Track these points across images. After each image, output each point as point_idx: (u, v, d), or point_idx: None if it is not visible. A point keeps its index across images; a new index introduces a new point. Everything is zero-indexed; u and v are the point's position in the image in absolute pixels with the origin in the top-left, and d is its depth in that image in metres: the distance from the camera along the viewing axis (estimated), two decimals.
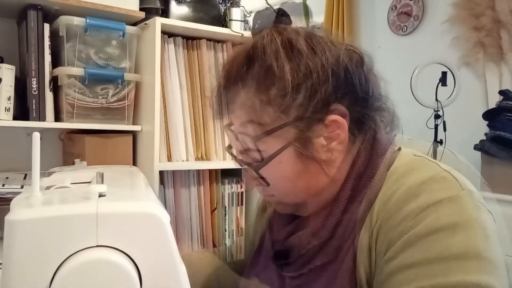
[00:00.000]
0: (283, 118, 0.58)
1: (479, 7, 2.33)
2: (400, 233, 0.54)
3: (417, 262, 0.52)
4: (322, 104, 0.59)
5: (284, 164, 0.61)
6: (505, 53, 2.28)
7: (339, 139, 0.61)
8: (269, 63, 0.58)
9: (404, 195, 0.56)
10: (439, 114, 2.16)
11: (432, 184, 0.55)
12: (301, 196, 0.65)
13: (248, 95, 0.60)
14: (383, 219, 0.56)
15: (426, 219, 0.53)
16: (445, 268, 0.50)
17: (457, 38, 2.45)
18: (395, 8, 2.80)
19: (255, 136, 0.60)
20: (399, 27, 2.78)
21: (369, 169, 0.62)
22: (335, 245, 0.61)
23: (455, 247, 0.51)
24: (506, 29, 2.26)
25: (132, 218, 0.44)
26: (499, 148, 1.89)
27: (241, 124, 0.62)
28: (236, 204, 1.42)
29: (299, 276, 0.65)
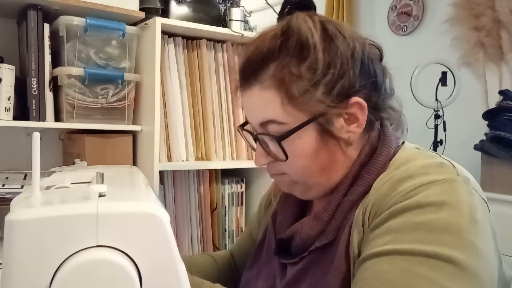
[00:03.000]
0: (312, 92, 0.60)
1: (479, 7, 2.33)
2: (389, 207, 0.56)
3: (396, 228, 0.54)
4: (348, 86, 0.62)
5: (304, 140, 0.62)
6: (505, 53, 2.28)
7: (358, 122, 0.63)
8: (304, 38, 0.61)
9: (400, 176, 0.58)
10: (439, 114, 2.16)
11: (429, 168, 0.58)
12: (314, 176, 0.65)
13: (279, 67, 0.62)
14: (377, 197, 0.59)
15: (416, 195, 0.55)
16: (421, 237, 0.52)
17: (457, 38, 2.45)
18: (395, 8, 2.80)
19: (282, 106, 0.61)
20: (399, 27, 2.78)
21: (374, 158, 0.64)
22: (334, 226, 0.63)
23: (437, 221, 0.53)
24: (506, 29, 2.26)
25: (132, 218, 0.44)
26: (499, 148, 1.89)
27: (267, 93, 0.62)
28: (236, 204, 1.42)
29: (299, 260, 0.67)
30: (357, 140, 0.65)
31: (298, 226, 0.68)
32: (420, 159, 0.61)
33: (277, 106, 0.62)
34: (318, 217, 0.65)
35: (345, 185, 0.64)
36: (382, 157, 0.64)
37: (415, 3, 2.69)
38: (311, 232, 0.65)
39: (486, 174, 1.95)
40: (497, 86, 2.30)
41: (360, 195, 0.62)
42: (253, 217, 0.91)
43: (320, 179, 0.65)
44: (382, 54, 0.69)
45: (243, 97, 0.67)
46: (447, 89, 2.21)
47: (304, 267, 0.66)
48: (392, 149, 0.65)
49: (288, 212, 0.74)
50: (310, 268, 0.65)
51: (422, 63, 2.19)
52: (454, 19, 2.46)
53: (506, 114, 1.91)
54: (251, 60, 0.64)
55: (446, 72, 2.21)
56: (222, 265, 0.91)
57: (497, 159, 1.90)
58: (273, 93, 0.62)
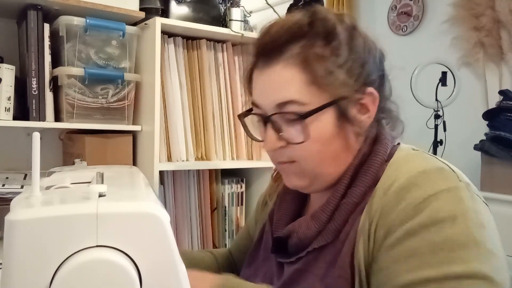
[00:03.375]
0: (336, 74, 0.61)
1: (479, 7, 2.33)
2: (401, 221, 0.56)
3: (420, 251, 0.54)
4: (366, 75, 0.63)
5: (323, 122, 0.62)
6: (505, 53, 2.28)
7: (369, 113, 0.64)
8: (331, 23, 0.62)
9: (405, 183, 0.58)
10: (439, 114, 2.17)
11: (431, 174, 0.58)
12: (325, 164, 0.64)
13: (305, 46, 0.62)
14: (383, 206, 0.58)
15: (426, 209, 0.55)
16: (446, 257, 0.53)
17: (457, 38, 2.45)
18: (395, 8, 2.81)
19: (306, 86, 0.61)
20: (399, 27, 2.78)
21: (371, 157, 0.64)
22: (333, 228, 0.63)
23: (456, 237, 0.53)
24: (506, 29, 2.26)
25: (132, 218, 0.44)
26: (499, 148, 1.89)
27: (291, 72, 0.62)
28: (236, 204, 1.42)
29: (296, 260, 0.67)
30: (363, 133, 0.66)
31: (295, 225, 0.68)
32: (418, 161, 0.61)
33: (300, 86, 0.61)
34: (316, 217, 0.65)
35: (343, 186, 0.64)
36: (379, 157, 0.64)
37: (415, 3, 2.69)
38: (309, 232, 0.65)
39: (486, 174, 1.95)
40: (497, 86, 2.30)
41: (360, 196, 0.62)
42: (251, 216, 0.91)
43: (329, 168, 0.65)
44: (385, 56, 0.71)
45: (260, 76, 0.65)
46: (447, 89, 2.21)
47: (302, 267, 0.66)
48: (388, 149, 0.66)
49: (285, 211, 0.74)
50: (307, 269, 0.65)
51: (422, 63, 2.19)
52: (454, 19, 2.46)
53: (506, 114, 1.91)
54: (275, 38, 0.63)
55: (446, 72, 2.22)
56: (222, 261, 0.91)
57: (497, 159, 1.90)
58: (298, 71, 0.61)
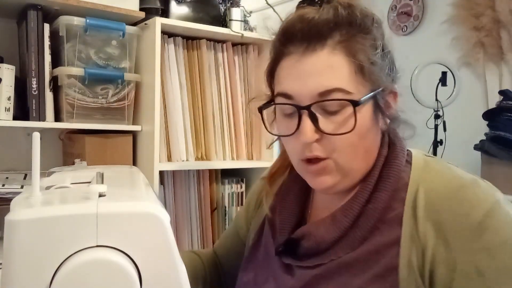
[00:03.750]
0: (377, 64, 0.60)
1: (479, 7, 2.33)
2: (464, 242, 0.55)
3: (498, 273, 0.53)
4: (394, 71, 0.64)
5: (363, 114, 0.59)
6: (505, 53, 2.28)
7: (390, 109, 0.64)
8: (371, 16, 0.62)
9: (448, 196, 0.57)
10: (439, 114, 2.16)
11: (473, 188, 0.57)
12: (358, 159, 0.61)
13: (348, 35, 0.59)
14: (434, 223, 0.57)
15: (488, 228, 0.54)
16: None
17: (457, 38, 2.45)
18: (395, 8, 2.80)
19: (352, 74, 0.58)
20: (399, 27, 2.77)
21: (391, 160, 0.63)
22: (360, 235, 0.60)
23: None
24: (506, 29, 2.26)
25: (132, 218, 0.44)
26: (499, 148, 1.89)
27: (337, 59, 0.59)
28: (236, 204, 1.43)
29: (315, 266, 0.63)
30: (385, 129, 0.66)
31: (311, 228, 0.64)
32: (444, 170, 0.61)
33: (346, 74, 0.58)
34: (337, 221, 0.62)
35: (368, 188, 0.61)
36: (399, 160, 0.63)
37: (415, 3, 2.69)
38: (327, 236, 0.62)
39: (486, 174, 1.95)
40: (497, 86, 2.30)
41: (385, 201, 0.60)
42: (240, 216, 0.87)
43: (361, 163, 0.62)
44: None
45: (297, 64, 0.60)
46: (447, 89, 2.21)
47: (324, 274, 0.62)
48: (405, 150, 0.65)
49: (289, 213, 0.71)
50: (331, 277, 0.61)
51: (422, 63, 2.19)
52: (454, 19, 2.46)
53: (506, 114, 1.91)
54: (317, 24, 0.59)
55: (446, 72, 2.21)
56: (208, 263, 0.89)
57: (497, 159, 1.90)
58: (344, 59, 0.58)
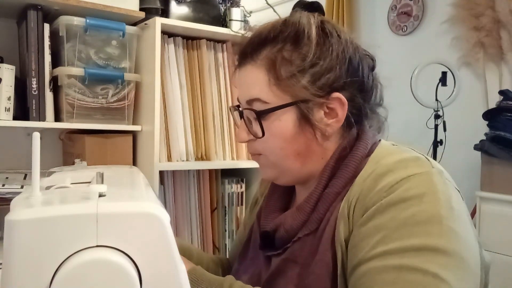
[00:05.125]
0: (298, 77, 0.66)
1: (479, 7, 2.33)
2: (374, 202, 0.59)
3: (383, 226, 0.57)
4: (332, 80, 0.66)
5: (283, 121, 0.67)
6: (505, 53, 2.28)
7: (337, 117, 0.67)
8: (301, 29, 0.67)
9: (382, 170, 0.62)
10: (439, 114, 2.17)
11: (407, 162, 0.62)
12: (289, 159, 0.69)
13: (273, 50, 0.67)
14: (361, 190, 0.62)
15: (397, 189, 0.58)
16: (408, 232, 0.56)
17: (457, 38, 2.45)
18: (395, 8, 2.81)
19: (268, 86, 0.66)
20: (399, 27, 2.78)
21: (351, 153, 0.68)
22: (316, 217, 0.66)
23: (420, 214, 0.56)
24: (506, 29, 2.26)
25: (132, 218, 0.44)
26: (499, 148, 1.89)
27: (257, 72, 0.68)
28: (236, 204, 1.43)
29: (283, 251, 0.69)
30: (335, 135, 0.70)
31: (281, 218, 0.71)
32: (397, 153, 0.65)
33: (264, 85, 0.67)
34: (301, 208, 0.68)
35: (324, 178, 0.68)
36: (359, 152, 0.68)
37: (415, 3, 2.69)
38: (294, 223, 0.68)
39: (486, 174, 1.96)
40: (497, 86, 2.30)
41: (341, 187, 0.66)
42: (248, 215, 0.93)
43: (294, 164, 0.69)
44: (375, 64, 0.73)
45: (238, 75, 0.72)
46: (447, 89, 2.21)
47: (288, 257, 0.68)
48: (368, 145, 0.69)
49: (272, 208, 0.77)
50: (293, 258, 0.67)
51: (422, 63, 2.19)
52: (454, 19, 2.46)
53: (506, 114, 1.92)
54: (251, 41, 0.70)
55: (446, 72, 2.22)
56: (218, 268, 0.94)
57: (497, 159, 1.90)
58: (263, 72, 0.67)
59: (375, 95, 0.72)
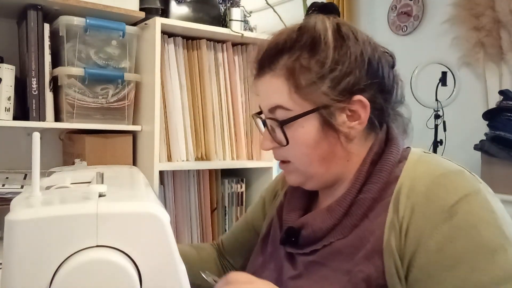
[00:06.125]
0: (318, 84, 0.65)
1: (479, 7, 2.33)
2: (435, 224, 0.58)
3: (462, 255, 0.57)
4: (353, 84, 0.66)
5: (306, 128, 0.67)
6: (505, 53, 2.28)
7: (360, 119, 0.67)
8: (317, 34, 0.66)
9: (431, 184, 0.61)
10: (439, 114, 2.17)
11: (455, 177, 0.61)
12: (314, 165, 0.69)
13: (291, 58, 0.67)
14: (413, 206, 0.61)
15: (459, 212, 0.58)
16: (489, 261, 0.56)
17: (457, 38, 2.45)
18: (395, 8, 2.81)
19: (289, 94, 0.66)
20: (399, 27, 2.78)
21: (384, 157, 0.68)
22: (350, 223, 0.66)
23: (492, 240, 0.57)
24: (506, 29, 2.26)
25: (132, 218, 0.44)
26: (499, 148, 1.89)
27: (277, 81, 0.68)
28: (236, 204, 1.42)
29: (311, 253, 0.68)
30: (360, 137, 0.69)
31: (309, 218, 0.70)
32: (437, 162, 0.64)
33: (284, 94, 0.67)
34: (332, 210, 0.67)
35: (358, 182, 0.67)
36: (392, 156, 0.67)
37: (415, 3, 2.69)
38: (323, 225, 0.67)
39: (486, 174, 1.96)
40: (497, 86, 2.30)
41: (377, 192, 0.65)
42: (256, 208, 0.92)
43: (320, 168, 0.69)
44: (395, 61, 0.73)
45: (257, 84, 0.72)
46: (447, 89, 2.21)
47: (317, 260, 0.67)
48: (400, 149, 0.69)
49: (295, 205, 0.77)
50: (324, 262, 0.66)
51: (422, 63, 2.19)
52: (454, 19, 2.46)
53: (506, 114, 1.91)
54: (268, 51, 0.70)
55: (446, 72, 2.22)
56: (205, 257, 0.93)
57: (497, 159, 1.90)
58: (282, 81, 0.67)
59: (396, 93, 0.72)
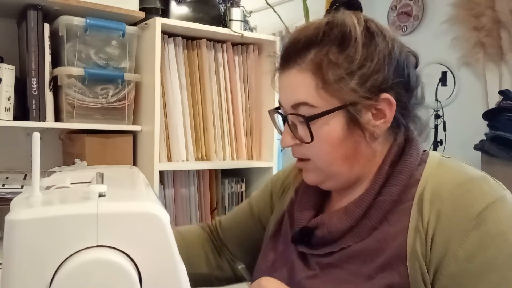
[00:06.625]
0: (346, 80, 0.64)
1: (479, 7, 2.32)
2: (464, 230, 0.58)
3: (498, 265, 0.57)
4: (381, 81, 0.65)
5: (332, 126, 0.65)
6: (505, 53, 2.28)
7: (385, 118, 0.66)
8: (347, 30, 0.64)
9: (456, 190, 0.61)
10: (439, 114, 2.17)
11: (479, 183, 0.61)
12: (336, 163, 0.67)
13: (319, 53, 0.65)
14: (439, 211, 0.60)
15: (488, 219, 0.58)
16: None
17: (457, 38, 2.45)
18: (395, 8, 2.81)
19: (316, 90, 0.64)
20: (399, 27, 2.78)
21: (404, 158, 0.67)
22: (369, 225, 0.64)
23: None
24: (506, 29, 2.26)
25: (132, 218, 0.44)
26: (499, 148, 1.89)
27: (304, 76, 0.66)
28: (236, 204, 1.42)
29: (327, 255, 0.67)
30: (383, 137, 0.68)
31: (325, 218, 0.69)
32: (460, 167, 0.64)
33: (311, 89, 0.65)
34: (349, 211, 0.66)
35: (378, 183, 0.66)
36: (413, 158, 0.66)
37: (415, 3, 2.69)
38: (340, 226, 0.66)
39: None
40: (497, 86, 2.30)
41: (397, 195, 0.64)
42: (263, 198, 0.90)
43: (342, 167, 0.67)
44: (418, 61, 0.72)
45: (281, 78, 0.70)
46: (447, 89, 2.21)
47: (333, 262, 0.66)
48: (420, 152, 0.68)
49: (308, 204, 0.75)
50: (341, 265, 0.65)
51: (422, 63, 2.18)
52: (454, 19, 2.46)
53: (506, 114, 1.91)
54: (294, 44, 0.67)
55: (446, 72, 2.22)
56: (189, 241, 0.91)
57: (497, 159, 1.90)
58: (310, 76, 0.65)
59: (419, 94, 0.71)
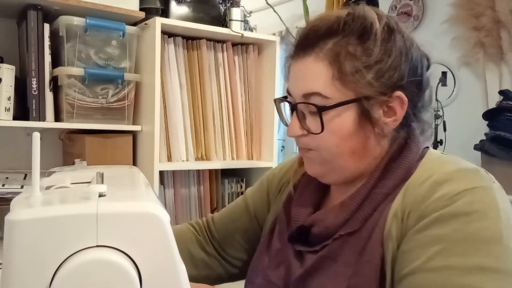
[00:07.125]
0: (363, 73, 0.63)
1: (479, 7, 2.32)
2: (433, 210, 0.58)
3: (445, 238, 0.56)
4: (396, 79, 0.64)
5: (343, 118, 0.64)
6: (505, 53, 2.28)
7: (395, 116, 0.66)
8: (368, 23, 0.64)
9: (441, 178, 0.60)
10: (439, 114, 2.17)
11: (467, 173, 0.61)
12: (343, 157, 0.66)
13: (338, 43, 0.64)
14: (417, 196, 0.60)
15: (459, 200, 0.57)
16: (471, 249, 0.55)
17: (457, 38, 2.45)
18: (395, 8, 2.81)
19: (331, 80, 0.63)
20: None
21: (403, 154, 0.67)
22: (361, 216, 0.65)
23: (483, 231, 0.55)
24: (506, 29, 2.26)
25: (132, 218, 0.44)
26: (499, 148, 1.89)
27: (320, 65, 0.65)
28: None
29: (321, 249, 0.67)
30: (389, 134, 0.68)
31: (321, 214, 0.69)
32: (454, 162, 0.63)
33: (326, 80, 0.64)
34: (345, 205, 0.67)
35: (374, 177, 0.66)
36: (412, 154, 0.67)
37: (415, 3, 2.69)
38: (337, 220, 0.66)
39: None
40: (497, 86, 2.30)
41: (391, 188, 0.64)
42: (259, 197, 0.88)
43: (348, 162, 0.67)
44: (430, 64, 0.72)
45: (294, 66, 0.69)
46: (447, 89, 2.21)
47: (326, 254, 0.66)
48: (420, 148, 0.68)
49: (306, 201, 0.75)
50: (332, 256, 0.66)
51: None
52: (454, 19, 2.46)
53: (506, 114, 1.91)
54: (313, 31, 0.66)
55: (446, 72, 2.22)
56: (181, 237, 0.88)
57: (497, 159, 1.90)
58: (326, 66, 0.64)
59: (428, 96, 0.71)
